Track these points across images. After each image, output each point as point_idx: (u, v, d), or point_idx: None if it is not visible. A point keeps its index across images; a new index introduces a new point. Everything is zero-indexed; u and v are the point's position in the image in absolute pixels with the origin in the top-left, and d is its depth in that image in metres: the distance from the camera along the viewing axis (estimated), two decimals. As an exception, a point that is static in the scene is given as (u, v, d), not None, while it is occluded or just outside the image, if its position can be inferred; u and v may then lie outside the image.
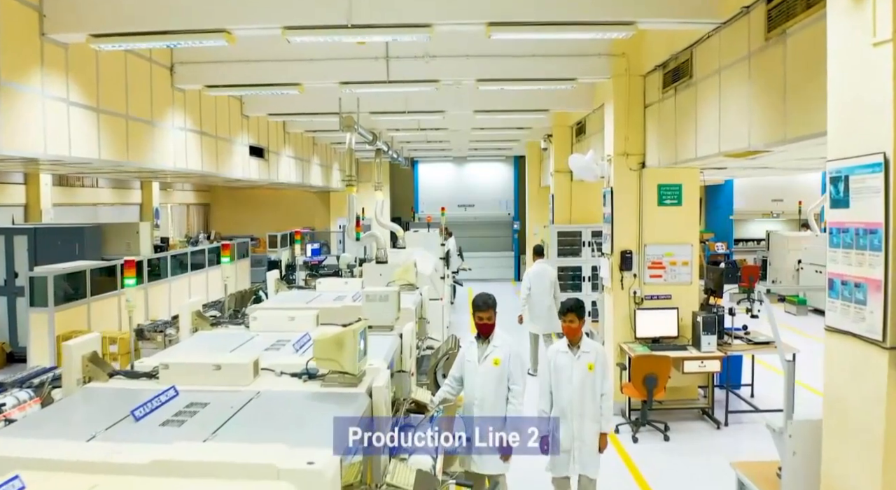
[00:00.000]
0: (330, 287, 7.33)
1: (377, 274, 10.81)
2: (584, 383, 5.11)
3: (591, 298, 12.62)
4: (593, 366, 5.14)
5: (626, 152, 8.13)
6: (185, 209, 23.15)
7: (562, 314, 5.30)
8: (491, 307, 5.14)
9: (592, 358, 5.18)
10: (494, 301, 5.20)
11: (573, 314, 5.22)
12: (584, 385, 5.10)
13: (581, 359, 5.17)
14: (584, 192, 13.19)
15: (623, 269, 8.20)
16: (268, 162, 12.68)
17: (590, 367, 5.14)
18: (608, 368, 5.34)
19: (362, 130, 11.47)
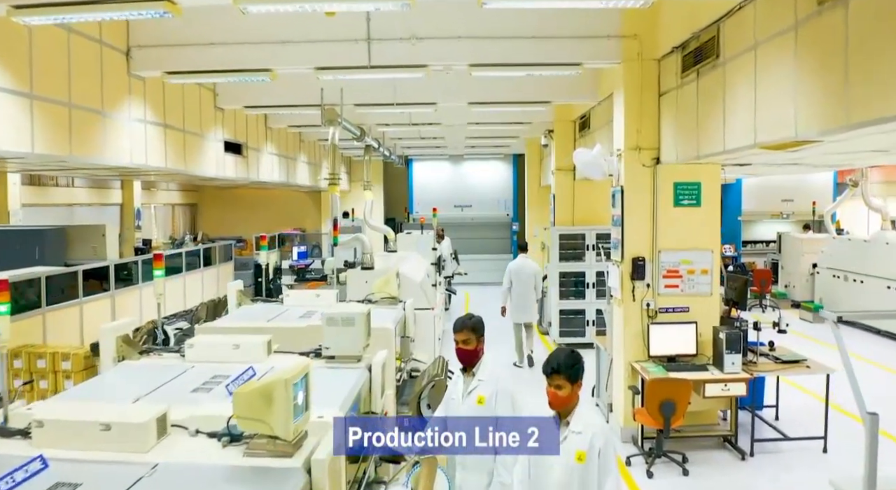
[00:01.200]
0: (299, 300, 6.37)
1: (362, 281, 9.88)
2: (571, 480, 3.42)
3: (594, 306, 11.71)
4: (584, 455, 3.41)
5: (638, 146, 7.19)
6: (171, 209, 22.20)
7: (547, 374, 3.50)
8: (469, 328, 4.07)
9: (586, 444, 3.41)
10: (477, 323, 4.14)
11: (562, 377, 3.43)
12: (571, 483, 3.42)
13: (569, 442, 3.43)
14: (587, 191, 12.27)
15: (635, 278, 7.26)
16: (246, 159, 11.74)
17: (579, 456, 3.41)
18: (611, 460, 3.46)
19: (348, 124, 10.55)
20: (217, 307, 10.05)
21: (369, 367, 3.94)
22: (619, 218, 7.37)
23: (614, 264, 7.58)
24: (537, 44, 7.24)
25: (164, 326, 8.82)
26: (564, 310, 11.80)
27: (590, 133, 10.86)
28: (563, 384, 3.44)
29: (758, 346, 7.38)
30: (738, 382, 6.78)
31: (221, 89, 10.22)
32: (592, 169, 7.39)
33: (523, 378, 12.77)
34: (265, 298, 7.18)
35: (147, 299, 11.92)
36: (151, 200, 20.94)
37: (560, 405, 3.47)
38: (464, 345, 4.05)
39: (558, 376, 3.44)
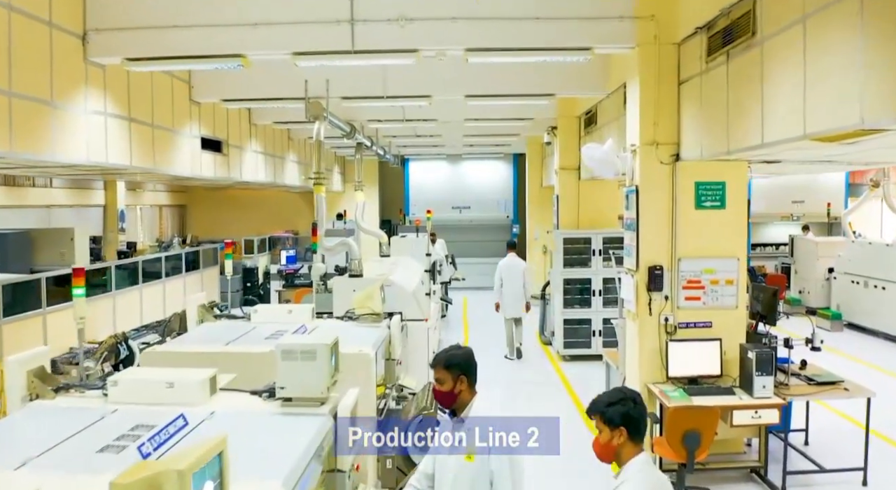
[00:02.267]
0: (270, 316, 5.55)
1: (349, 290, 9.04)
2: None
3: (601, 315, 10.91)
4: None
5: (655, 141, 6.38)
6: (158, 211, 21.39)
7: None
8: (442, 366, 3.23)
9: None
10: (455, 359, 3.27)
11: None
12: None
13: None
14: (593, 191, 11.46)
15: (652, 289, 6.45)
16: (227, 157, 10.92)
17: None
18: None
19: (335, 120, 9.74)
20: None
21: (334, 414, 3.12)
22: (633, 221, 6.56)
23: (627, 273, 6.77)
24: (541, 26, 6.42)
25: (129, 340, 8.00)
26: (569, 319, 10.99)
27: (596, 129, 10.05)
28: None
29: (788, 364, 6.56)
30: (770, 409, 5.96)
31: (197, 81, 9.41)
32: (603, 166, 6.59)
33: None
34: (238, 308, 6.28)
35: (123, 308, 11.11)
36: (137, 201, 20.13)
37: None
38: (438, 384, 3.25)
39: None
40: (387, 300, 9.16)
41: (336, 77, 8.81)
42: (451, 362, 3.21)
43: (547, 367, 10.88)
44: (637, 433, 2.80)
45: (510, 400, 9.04)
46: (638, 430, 2.80)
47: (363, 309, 5.48)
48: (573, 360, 10.98)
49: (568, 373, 10.38)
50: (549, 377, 10.24)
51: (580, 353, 10.99)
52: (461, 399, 3.21)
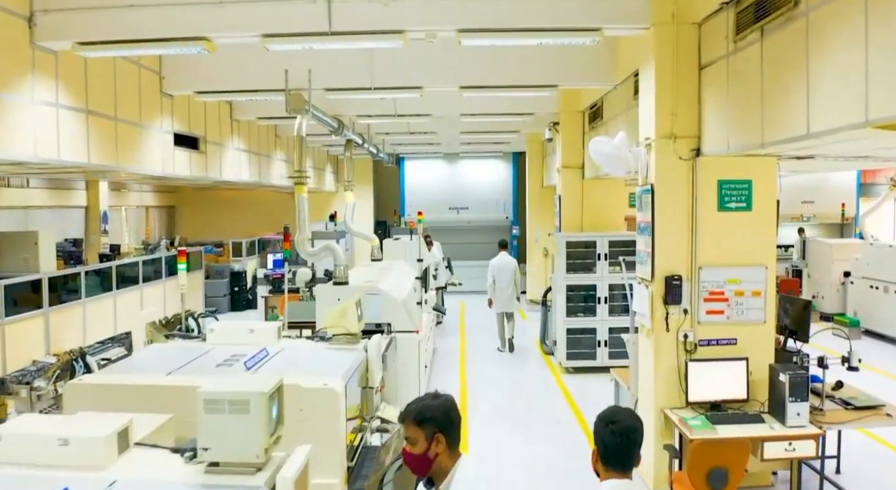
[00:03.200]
0: (228, 335, 4.78)
1: (333, 298, 8.31)
2: None
3: (607, 324, 10.17)
4: None
5: (672, 134, 5.62)
6: (144, 212, 20.62)
7: None
8: (413, 421, 2.48)
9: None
10: (430, 411, 2.49)
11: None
12: None
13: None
14: (598, 191, 10.71)
15: (669, 301, 5.69)
16: (205, 155, 10.16)
17: None
18: None
19: (320, 114, 9.00)
20: (165, 327, 8.50)
21: (273, 484, 2.36)
22: (647, 225, 5.80)
23: (641, 283, 6.01)
24: (543, 3, 5.68)
25: (88, 356, 7.24)
26: (573, 329, 10.23)
27: (602, 124, 9.29)
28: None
29: (821, 385, 5.81)
30: (805, 440, 5.20)
31: (168, 71, 8.65)
32: (614, 163, 5.83)
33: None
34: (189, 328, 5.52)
35: (94, 317, 10.36)
36: (122, 202, 19.37)
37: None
38: (409, 445, 2.47)
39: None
40: (374, 310, 8.42)
41: (319, 67, 8.09)
42: (423, 416, 2.43)
43: (548, 379, 10.12)
44: (609, 460, 2.54)
45: (507, 419, 8.28)
46: (609, 458, 2.54)
47: (337, 328, 4.71)
48: (576, 373, 10.22)
49: (571, 387, 9.62)
50: (551, 391, 9.48)
51: (584, 364, 10.23)
52: (439, 465, 2.42)
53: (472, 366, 10.91)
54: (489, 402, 9.00)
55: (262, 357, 4.14)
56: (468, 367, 10.80)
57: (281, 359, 4.19)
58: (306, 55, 8.28)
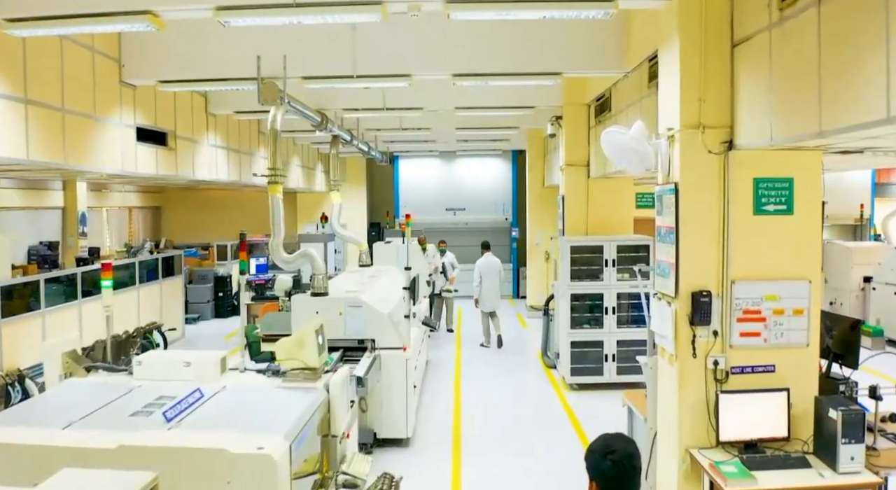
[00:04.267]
0: (159, 371, 3.89)
1: (311, 311, 7.45)
2: None
3: (615, 336, 9.31)
4: None
5: (700, 124, 4.74)
6: (128, 213, 19.73)
7: None
8: None
9: None
10: None
11: None
12: None
13: None
14: (605, 191, 9.83)
15: (696, 322, 4.81)
16: (174, 151, 9.28)
17: None
18: None
19: (298, 106, 8.13)
20: (123, 346, 7.64)
21: None
22: (670, 231, 4.92)
23: (662, 300, 5.13)
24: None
25: (28, 380, 6.36)
26: (577, 342, 9.35)
27: (610, 117, 8.41)
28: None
29: (871, 417, 4.94)
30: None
31: (128, 58, 7.78)
32: (631, 157, 4.95)
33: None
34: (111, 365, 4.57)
35: (54, 330, 9.48)
36: (103, 203, 18.48)
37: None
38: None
39: None
40: (357, 325, 7.54)
41: (295, 53, 7.28)
42: None
43: (550, 398, 9.23)
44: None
45: (506, 445, 7.40)
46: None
47: (291, 361, 3.82)
48: (582, 390, 9.34)
49: (575, 405, 8.75)
50: (554, 412, 8.60)
51: (590, 381, 9.36)
52: None
53: (469, 380, 10.03)
54: (486, 425, 8.12)
55: (193, 401, 3.27)
56: (464, 383, 9.91)
57: (215, 404, 3.32)
58: (281, 40, 7.44)
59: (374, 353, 7.17)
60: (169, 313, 13.15)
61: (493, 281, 12.33)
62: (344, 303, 7.36)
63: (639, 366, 9.46)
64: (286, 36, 7.45)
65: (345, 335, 7.32)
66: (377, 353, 7.18)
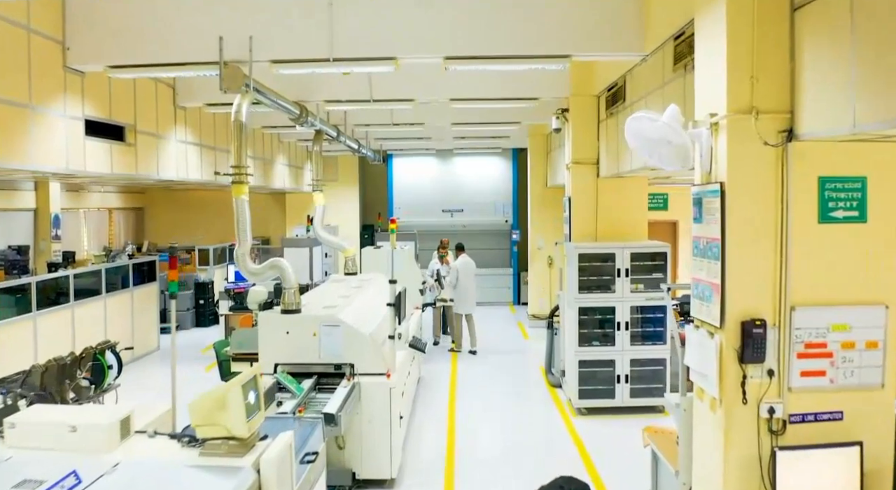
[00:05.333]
0: (36, 437, 2.88)
1: (281, 331, 6.48)
2: None
3: (628, 355, 8.34)
4: None
5: (752, 108, 3.74)
6: (107, 215, 18.74)
7: None
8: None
9: None
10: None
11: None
12: None
13: None
14: (617, 191, 8.84)
15: (747, 359, 3.81)
16: (133, 147, 8.28)
17: None
18: None
19: (270, 95, 7.18)
20: (67, 370, 6.64)
21: None
22: (713, 244, 3.91)
23: (700, 329, 4.12)
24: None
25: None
26: (586, 360, 8.35)
27: (625, 108, 7.42)
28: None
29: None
30: None
31: (73, 40, 6.78)
32: (661, 151, 3.94)
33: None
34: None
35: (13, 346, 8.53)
36: (80, 204, 17.50)
37: None
38: None
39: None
40: (334, 347, 6.53)
41: (263, 34, 6.32)
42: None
43: (555, 423, 8.24)
44: None
45: (504, 483, 6.41)
46: None
47: (211, 428, 2.80)
48: (591, 415, 8.35)
49: (585, 434, 7.76)
50: (559, 441, 7.62)
51: (600, 404, 8.36)
52: None
53: (464, 402, 9.03)
54: (484, 459, 7.12)
55: (73, 487, 2.27)
56: (459, 405, 8.91)
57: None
58: (247, 19, 6.46)
59: (353, 380, 6.17)
60: (141, 325, 12.16)
61: (470, 282, 12.18)
62: (318, 321, 6.37)
63: (656, 388, 8.53)
64: (253, 14, 6.46)
65: (319, 359, 6.33)
66: (356, 380, 6.18)
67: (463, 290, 12.07)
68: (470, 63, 6.53)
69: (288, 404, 5.61)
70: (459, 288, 12.08)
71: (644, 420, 8.19)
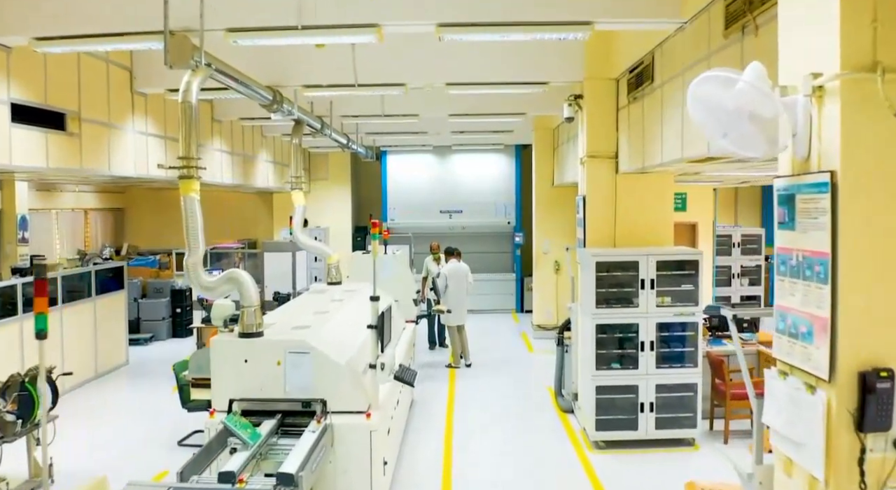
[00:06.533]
0: None
1: (238, 357, 5.33)
2: None
3: (654, 380, 7.17)
4: None
5: (875, 64, 2.58)
6: (83, 216, 17.59)
7: None
8: None
9: None
10: None
11: None
12: None
13: None
14: (640, 190, 7.71)
15: (867, 426, 2.64)
16: (78, 138, 7.12)
17: None
18: None
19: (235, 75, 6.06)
20: None
21: None
22: (815, 262, 2.75)
23: (791, 379, 2.95)
24: None
25: None
26: (605, 386, 7.19)
27: (652, 90, 6.27)
28: None
29: None
30: None
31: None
32: (741, 128, 2.77)
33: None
34: None
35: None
36: (52, 204, 16.34)
37: None
38: None
39: None
40: (301, 378, 5.37)
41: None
42: None
43: (569, 459, 7.08)
44: None
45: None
46: None
47: None
48: (610, 450, 7.18)
49: (604, 475, 6.59)
50: (574, 481, 6.46)
51: (621, 437, 7.20)
52: None
53: (463, 432, 7.86)
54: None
55: None
56: (456, 437, 7.74)
57: None
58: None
59: (325, 420, 5.00)
60: (107, 337, 11.00)
61: (460, 290, 11.06)
62: (284, 347, 5.21)
63: (684, 417, 7.38)
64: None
65: (285, 394, 5.18)
66: (328, 421, 5.02)
67: (452, 298, 10.93)
68: (469, 31, 5.37)
69: (239, 456, 4.46)
70: (449, 296, 10.93)
71: (671, 455, 7.05)
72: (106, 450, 7.39)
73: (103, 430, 8.09)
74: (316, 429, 4.84)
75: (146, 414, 8.68)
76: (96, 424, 8.32)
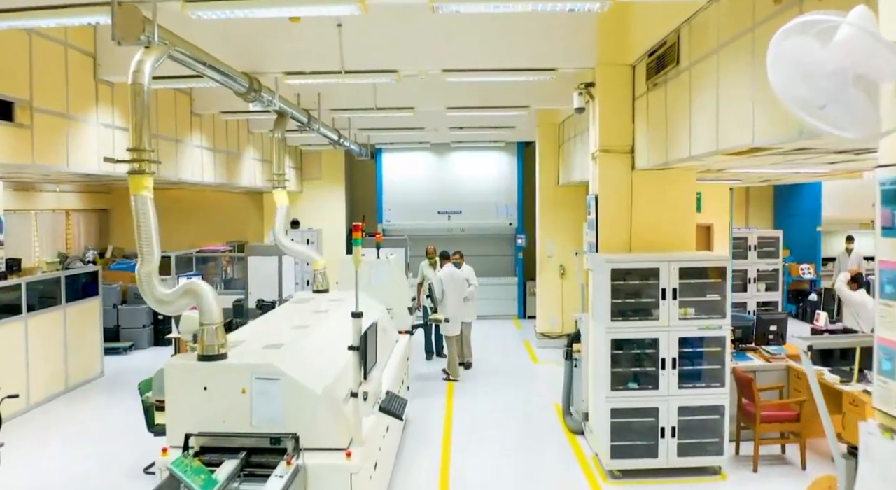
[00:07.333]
0: None
1: (196, 386, 4.54)
2: None
3: (676, 402, 6.38)
4: None
5: None
6: (64, 217, 16.80)
7: None
8: None
9: None
10: None
11: None
12: None
13: None
14: (658, 188, 6.93)
15: None
16: (30, 130, 6.34)
17: None
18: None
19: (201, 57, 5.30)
20: None
21: None
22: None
23: (887, 432, 2.16)
24: None
25: None
26: (620, 409, 6.41)
27: (678, 74, 5.49)
28: None
29: None
30: None
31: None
32: (848, 97, 1.98)
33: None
34: None
35: None
36: (31, 205, 15.56)
37: None
38: None
39: None
40: (270, 409, 4.56)
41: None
42: None
43: (581, 488, 6.29)
44: None
45: None
46: None
47: None
48: (627, 480, 6.40)
49: (622, 510, 5.80)
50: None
51: (639, 465, 6.42)
52: None
53: (460, 456, 7.07)
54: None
55: None
56: (454, 464, 6.94)
57: None
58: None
59: (297, 461, 4.22)
60: (79, 348, 10.22)
61: (459, 295, 10.32)
62: (250, 372, 4.42)
63: (710, 443, 6.56)
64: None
65: (251, 427, 4.39)
66: (301, 461, 4.23)
67: (450, 305, 10.22)
68: (466, 3, 4.59)
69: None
70: (445, 304, 10.22)
71: (696, 486, 6.26)
72: (59, 475, 6.62)
73: (62, 452, 7.31)
74: (285, 473, 4.05)
75: (112, 434, 7.90)
76: (55, 445, 7.54)
